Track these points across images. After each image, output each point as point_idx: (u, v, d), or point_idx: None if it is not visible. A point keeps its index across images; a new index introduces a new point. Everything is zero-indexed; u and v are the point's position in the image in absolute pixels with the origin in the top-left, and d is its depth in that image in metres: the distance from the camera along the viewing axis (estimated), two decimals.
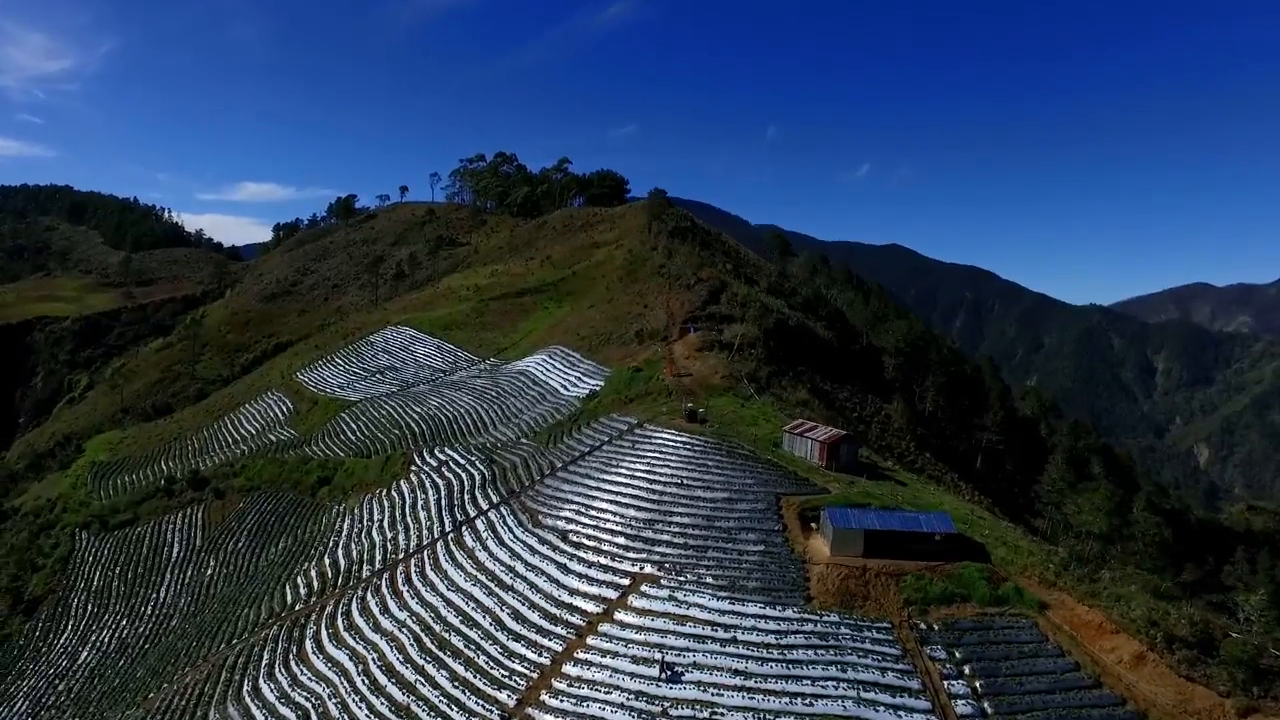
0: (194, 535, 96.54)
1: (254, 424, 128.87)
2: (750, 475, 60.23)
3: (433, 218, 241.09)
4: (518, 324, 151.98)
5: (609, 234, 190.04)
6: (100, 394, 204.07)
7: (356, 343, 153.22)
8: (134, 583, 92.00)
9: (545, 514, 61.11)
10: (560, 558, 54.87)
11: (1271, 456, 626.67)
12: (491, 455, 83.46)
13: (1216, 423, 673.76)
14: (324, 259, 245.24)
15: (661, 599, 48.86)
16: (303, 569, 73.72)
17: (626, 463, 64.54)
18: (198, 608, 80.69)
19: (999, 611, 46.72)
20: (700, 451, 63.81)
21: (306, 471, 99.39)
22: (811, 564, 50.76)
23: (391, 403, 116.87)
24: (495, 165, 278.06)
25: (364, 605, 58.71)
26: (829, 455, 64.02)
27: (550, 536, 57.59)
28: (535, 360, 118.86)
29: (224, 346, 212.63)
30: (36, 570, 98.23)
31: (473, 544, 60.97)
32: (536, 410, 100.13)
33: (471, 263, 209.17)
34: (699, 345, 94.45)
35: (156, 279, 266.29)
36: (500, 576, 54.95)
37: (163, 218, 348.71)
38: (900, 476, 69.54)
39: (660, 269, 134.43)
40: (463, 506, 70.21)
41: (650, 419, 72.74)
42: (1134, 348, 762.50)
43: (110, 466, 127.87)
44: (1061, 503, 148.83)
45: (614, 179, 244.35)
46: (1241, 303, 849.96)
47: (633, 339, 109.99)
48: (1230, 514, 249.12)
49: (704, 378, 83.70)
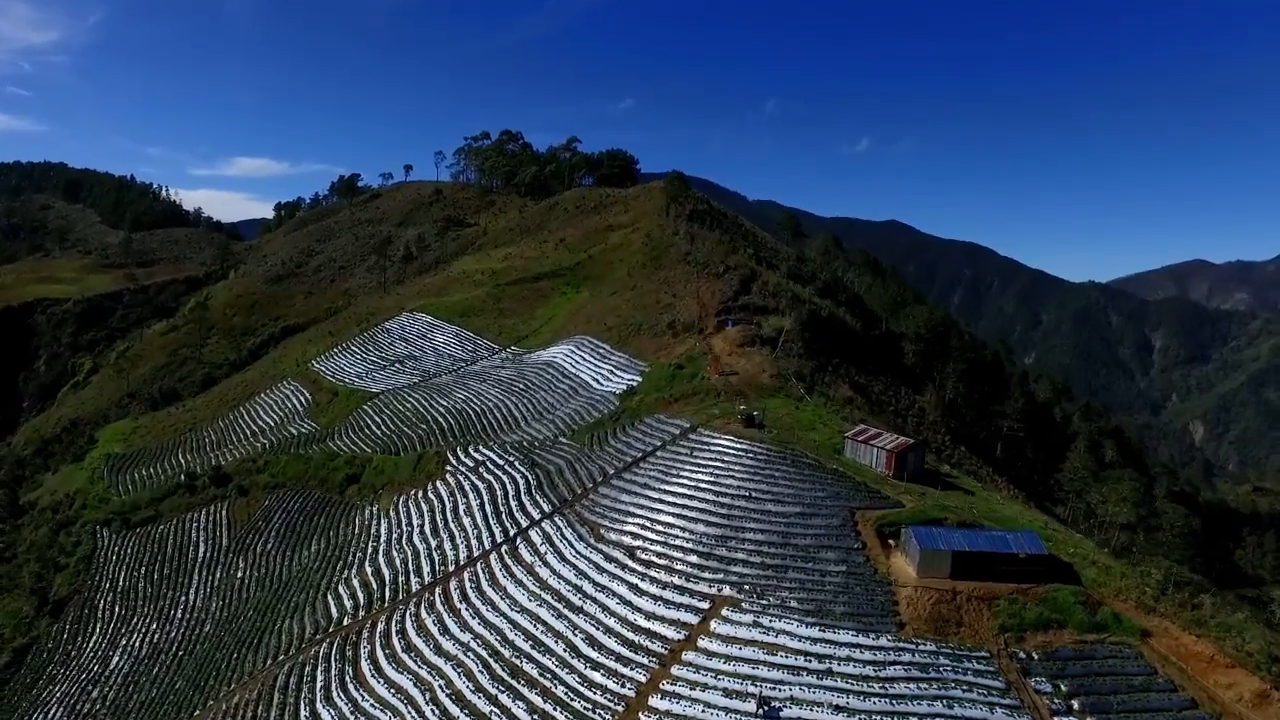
0: (220, 534, 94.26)
1: (272, 415, 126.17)
2: (820, 487, 58.08)
3: (440, 198, 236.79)
4: (536, 310, 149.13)
5: (624, 216, 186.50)
6: (105, 378, 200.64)
7: (372, 330, 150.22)
8: (161, 584, 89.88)
9: (607, 527, 58.92)
10: (630, 577, 52.76)
11: (1266, 434, 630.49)
12: (531, 455, 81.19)
13: (1213, 400, 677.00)
14: (329, 240, 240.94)
15: (746, 625, 46.85)
16: (343, 577, 71.63)
17: (687, 472, 62.28)
18: (231, 613, 78.61)
19: (1098, 639, 44.87)
20: (764, 461, 61.57)
21: (333, 469, 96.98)
22: (898, 586, 48.79)
23: (415, 395, 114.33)
24: (501, 143, 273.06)
25: (420, 623, 56.61)
26: (897, 464, 61.95)
27: (616, 553, 55.44)
28: (561, 351, 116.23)
29: (230, 330, 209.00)
30: (59, 569, 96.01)
31: (531, 559, 58.80)
32: (570, 406, 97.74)
33: (482, 245, 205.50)
34: (740, 340, 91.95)
35: (158, 259, 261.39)
36: (568, 596, 52.84)
37: (160, 196, 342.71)
38: (963, 483, 67.57)
39: (686, 256, 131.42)
40: (511, 514, 68.00)
41: (703, 423, 70.40)
42: (1132, 325, 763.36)
43: (126, 459, 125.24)
44: (1084, 491, 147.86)
45: (624, 159, 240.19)
46: (1239, 280, 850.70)
47: (664, 330, 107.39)
48: (1236, 495, 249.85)
49: (751, 377, 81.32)
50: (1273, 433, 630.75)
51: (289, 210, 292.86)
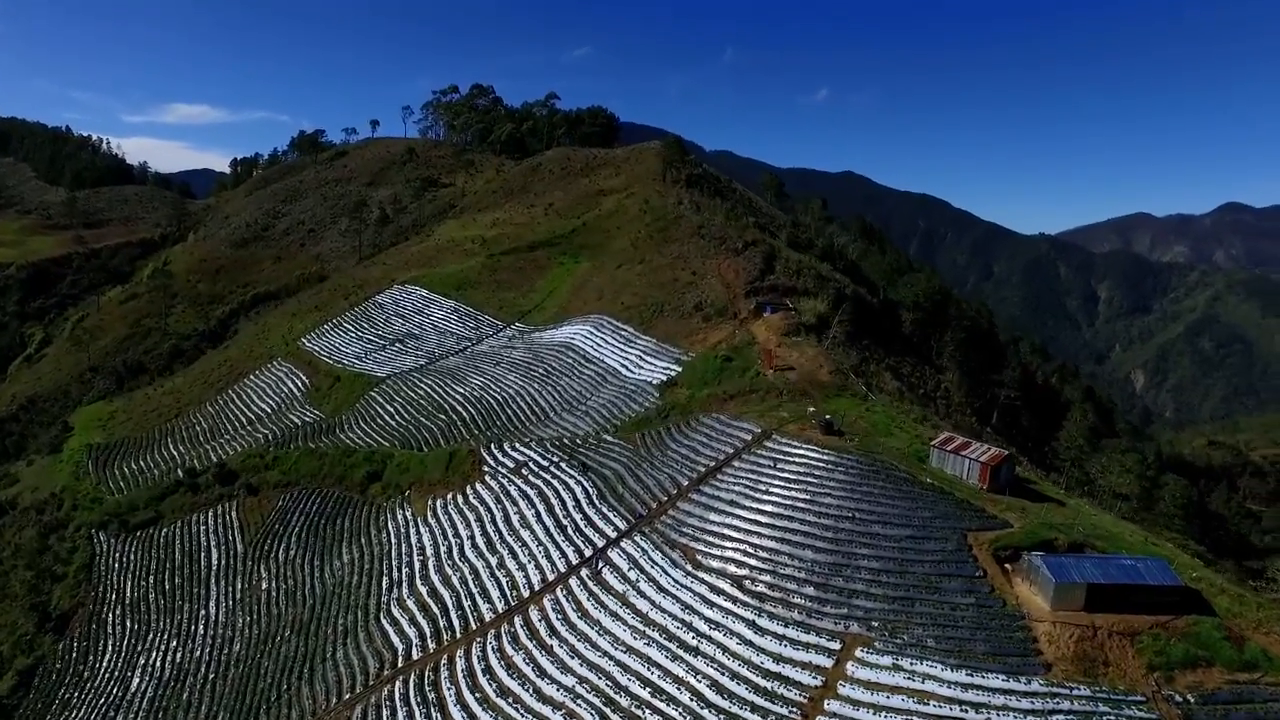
0: (232, 538, 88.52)
1: (266, 401, 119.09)
2: (923, 505, 55.49)
3: (413, 157, 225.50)
4: (535, 282, 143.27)
5: (615, 180, 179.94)
6: (62, 351, 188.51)
7: (363, 304, 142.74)
8: (174, 595, 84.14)
9: (703, 552, 55.60)
10: (744, 612, 49.70)
11: (1200, 381, 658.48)
12: (576, 455, 77.17)
13: (1153, 350, 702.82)
14: (295, 200, 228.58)
15: (886, 668, 44.35)
16: (393, 597, 67.24)
17: (778, 488, 59.07)
18: (264, 632, 73.63)
19: (1251, 679, 43.44)
20: (858, 476, 58.67)
21: (351, 465, 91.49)
22: (1032, 621, 46.72)
23: (426, 380, 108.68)
24: (470, 98, 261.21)
25: (508, 662, 52.89)
26: (991, 477, 59.74)
27: (722, 583, 52.25)
28: (579, 331, 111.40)
29: (196, 298, 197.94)
30: (57, 579, 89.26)
31: (622, 587, 55.28)
32: (602, 396, 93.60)
33: (463, 208, 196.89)
34: (784, 329, 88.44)
35: (107, 220, 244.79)
36: (677, 634, 49.61)
37: (100, 149, 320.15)
38: (1047, 490, 65.89)
39: (700, 230, 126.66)
40: (579, 529, 64.24)
41: (775, 428, 67.13)
42: (1079, 276, 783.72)
43: (109, 450, 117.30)
44: (1081, 460, 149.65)
45: (605, 116, 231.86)
46: (1179, 233, 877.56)
47: (691, 312, 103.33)
48: (1193, 449, 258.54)
49: (809, 373, 78.07)
50: (1206, 380, 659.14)
51: (246, 167, 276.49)
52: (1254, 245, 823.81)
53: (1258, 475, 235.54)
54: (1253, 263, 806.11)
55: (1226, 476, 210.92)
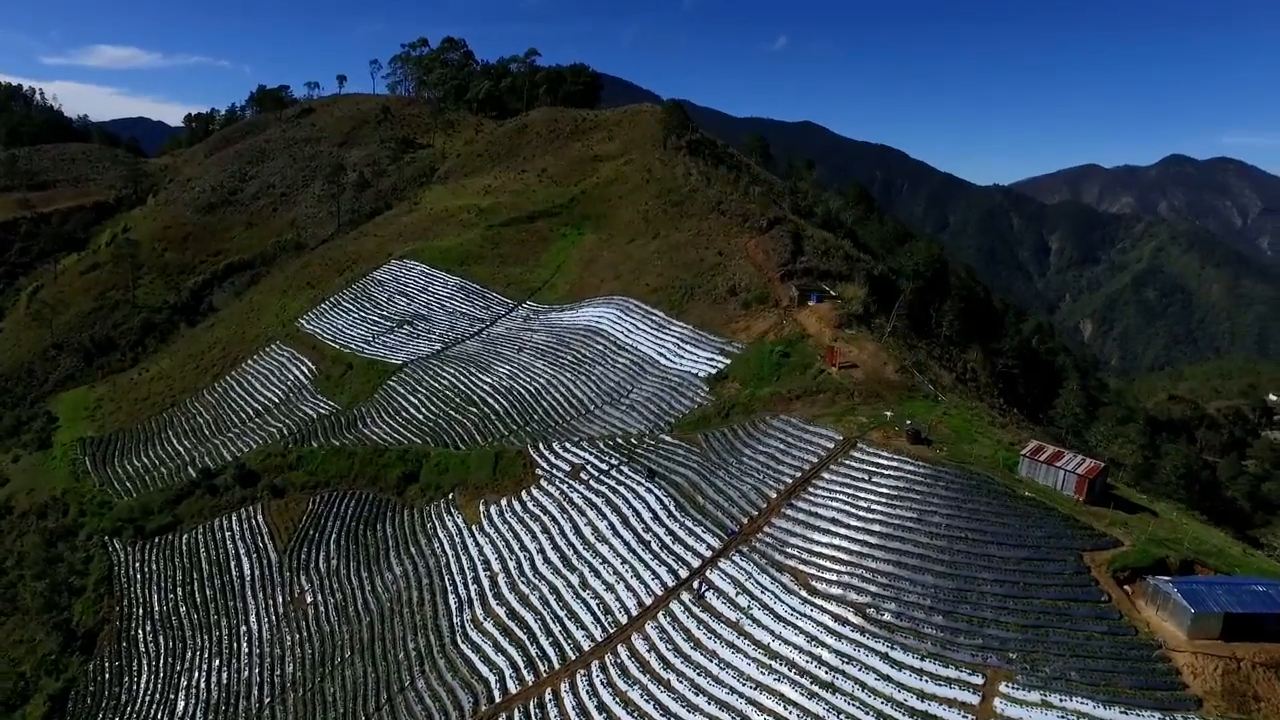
0: (262, 546, 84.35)
1: (272, 390, 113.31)
2: (1032, 523, 54.56)
3: (388, 116, 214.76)
4: (539, 255, 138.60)
5: (609, 145, 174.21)
6: (21, 325, 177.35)
7: (361, 280, 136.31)
8: (207, 608, 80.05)
9: (815, 576, 53.99)
10: (874, 643, 48.38)
11: (1144, 330, 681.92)
12: (635, 457, 74.83)
13: (1100, 300, 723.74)
14: (262, 162, 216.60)
15: (1036, 705, 43.56)
16: (467, 618, 64.49)
17: (880, 505, 57.55)
18: (318, 652, 70.30)
19: None
20: (960, 490, 57.43)
21: (384, 464, 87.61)
22: (1170, 651, 46.41)
23: (448, 369, 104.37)
24: (440, 52, 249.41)
25: (623, 697, 50.86)
26: (1088, 490, 59.13)
27: (845, 611, 50.79)
28: (603, 314, 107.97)
29: (164, 268, 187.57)
30: (75, 592, 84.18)
31: (734, 614, 53.46)
32: (644, 388, 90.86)
33: (448, 173, 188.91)
34: (835, 320, 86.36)
35: (54, 181, 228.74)
36: (808, 669, 48.11)
37: (33, 100, 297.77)
38: (1135, 499, 65.78)
39: (719, 205, 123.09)
40: (666, 546, 62.09)
41: (857, 435, 65.48)
42: (1031, 227, 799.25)
43: (104, 445, 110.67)
44: (1079, 429, 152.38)
45: (588, 75, 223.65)
46: (1125, 184, 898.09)
47: (725, 296, 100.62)
48: (1155, 404, 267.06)
49: (874, 371, 76.37)
50: (1149, 329, 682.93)
51: (201, 123, 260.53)
52: (1195, 197, 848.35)
53: (1213, 427, 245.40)
54: (1194, 214, 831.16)
55: (1186, 429, 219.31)
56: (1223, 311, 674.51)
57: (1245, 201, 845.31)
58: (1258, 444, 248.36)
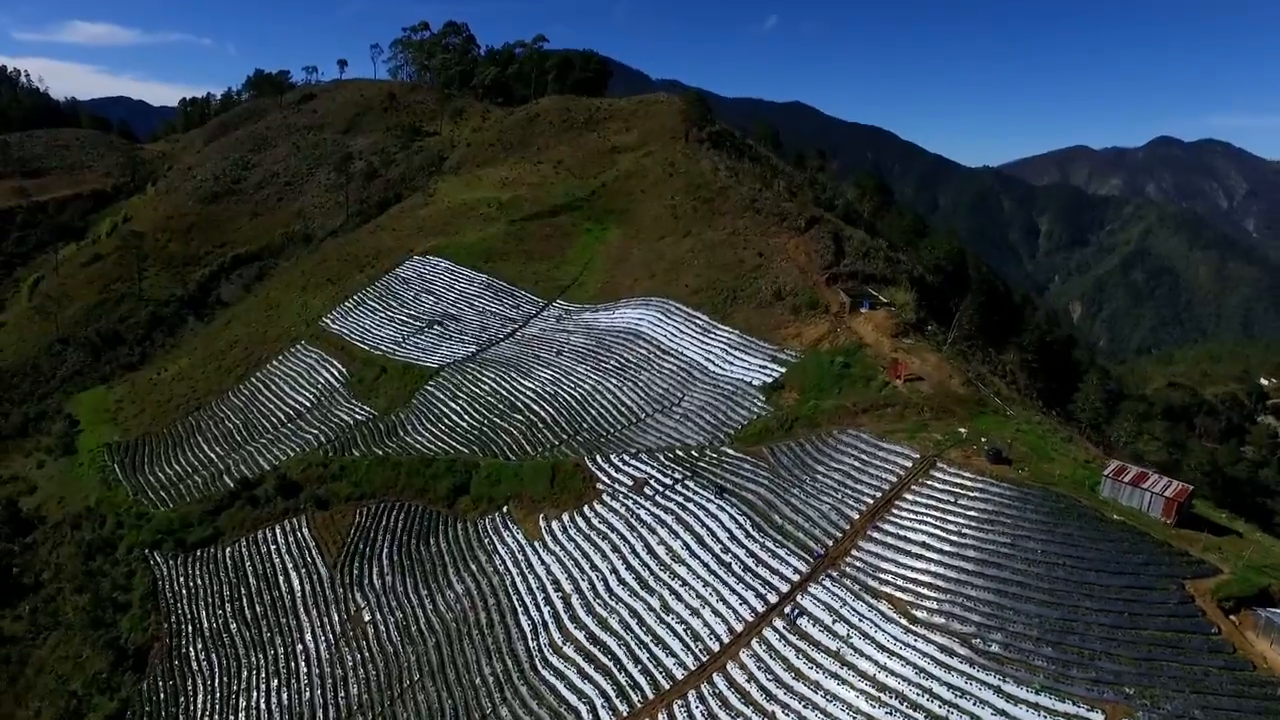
0: (311, 561, 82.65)
1: (303, 393, 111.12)
2: (1127, 549, 54.04)
3: (394, 103, 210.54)
4: (564, 252, 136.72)
5: (626, 136, 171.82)
6: (24, 319, 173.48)
7: (383, 277, 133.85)
8: (259, 625, 78.49)
9: (913, 604, 53.33)
10: (985, 675, 47.74)
11: (1131, 312, 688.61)
12: (699, 470, 73.86)
13: (1090, 282, 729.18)
14: (264, 150, 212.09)
15: None
16: (544, 642, 63.38)
17: (971, 530, 56.81)
18: (384, 674, 68.85)
19: None
20: (1050, 514, 56.81)
21: (432, 475, 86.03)
22: None
23: (487, 373, 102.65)
24: (441, 36, 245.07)
25: None
26: (1178, 513, 58.72)
27: (951, 642, 50.18)
28: (642, 316, 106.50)
29: (168, 260, 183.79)
30: (120, 609, 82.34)
31: (834, 643, 52.69)
32: (695, 396, 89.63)
33: (459, 162, 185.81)
34: (891, 329, 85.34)
35: (48, 168, 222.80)
36: (921, 702, 47.43)
37: (19, 82, 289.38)
38: (1218, 518, 65.49)
39: (754, 203, 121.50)
40: (748, 569, 61.11)
41: (935, 453, 64.73)
42: (1021, 209, 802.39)
43: (131, 451, 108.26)
44: (1099, 424, 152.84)
45: (597, 62, 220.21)
46: (1114, 166, 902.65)
47: (771, 301, 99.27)
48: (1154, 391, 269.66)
49: (939, 383, 75.51)
50: (1136, 310, 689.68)
51: (196, 108, 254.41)
52: (1183, 179, 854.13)
53: (1211, 414, 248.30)
54: (1180, 195, 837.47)
55: (1185, 417, 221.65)
56: (1209, 294, 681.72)
57: (1231, 184, 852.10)
58: (1255, 430, 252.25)
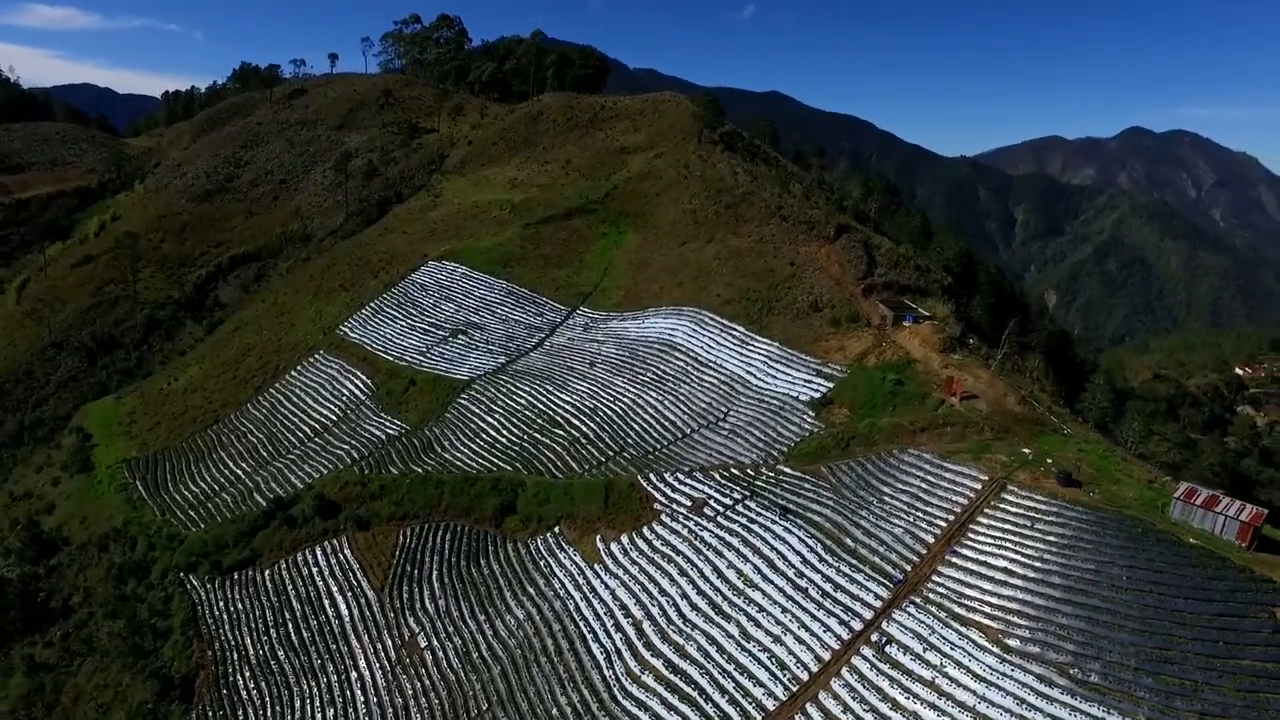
0: (356, 584, 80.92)
1: (328, 406, 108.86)
2: (1211, 575, 54.48)
3: (390, 99, 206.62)
4: (582, 257, 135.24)
5: (634, 136, 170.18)
6: (14, 322, 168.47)
7: (400, 284, 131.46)
8: (307, 652, 76.76)
9: (1004, 631, 53.46)
10: (1090, 708, 47.75)
11: (1105, 300, 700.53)
12: (758, 490, 73.59)
13: (1064, 271, 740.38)
14: (256, 146, 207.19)
15: None
16: (620, 670, 62.66)
17: (1052, 555, 57.00)
18: (448, 706, 67.84)
19: None
20: (1128, 539, 57.16)
21: (478, 494, 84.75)
22: None
23: (521, 386, 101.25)
24: (432, 30, 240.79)
25: None
26: (1252, 538, 59.40)
27: (1048, 671, 50.29)
28: (675, 326, 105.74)
29: (162, 260, 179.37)
30: (160, 635, 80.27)
31: (928, 673, 52.56)
32: (740, 412, 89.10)
33: (462, 161, 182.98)
34: (939, 344, 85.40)
35: (28, 164, 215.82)
36: None
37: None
38: None
39: (779, 210, 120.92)
40: (826, 594, 60.86)
41: (1004, 475, 64.96)
42: (997, 199, 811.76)
43: (151, 467, 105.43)
44: (1106, 424, 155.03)
45: (597, 58, 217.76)
46: (1087, 156, 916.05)
47: (808, 312, 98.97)
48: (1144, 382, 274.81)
49: (995, 401, 75.72)
50: (1110, 299, 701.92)
51: (180, 102, 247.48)
52: (1154, 169, 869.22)
53: (1195, 405, 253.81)
54: (1152, 185, 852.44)
55: (1171, 408, 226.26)
56: (1180, 283, 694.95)
57: (1199, 174, 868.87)
58: (1237, 420, 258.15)
